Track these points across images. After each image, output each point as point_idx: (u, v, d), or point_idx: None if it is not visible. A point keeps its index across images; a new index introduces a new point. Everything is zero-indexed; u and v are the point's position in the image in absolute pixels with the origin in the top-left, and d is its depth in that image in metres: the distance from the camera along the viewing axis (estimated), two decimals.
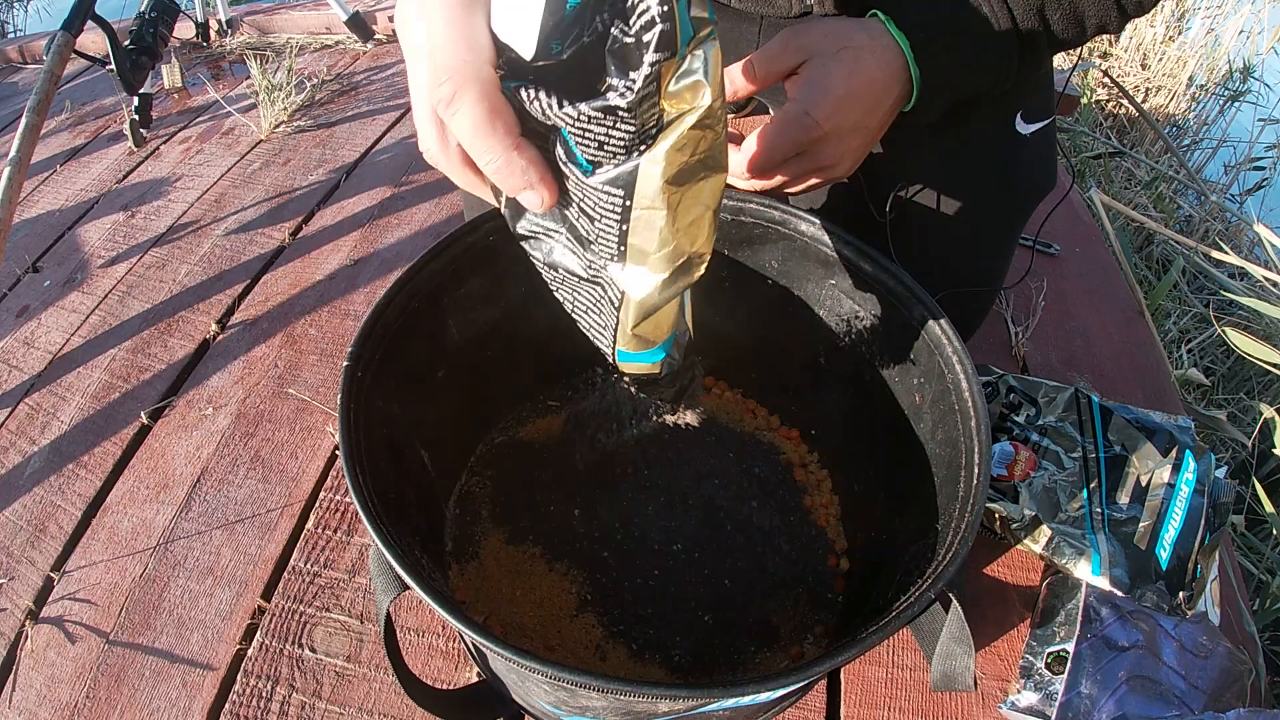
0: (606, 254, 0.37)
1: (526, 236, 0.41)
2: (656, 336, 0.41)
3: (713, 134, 0.33)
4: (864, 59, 0.49)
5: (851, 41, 0.49)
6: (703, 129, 0.32)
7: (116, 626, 0.66)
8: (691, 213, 0.35)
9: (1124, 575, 0.59)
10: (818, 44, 0.49)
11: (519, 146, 0.33)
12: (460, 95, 0.32)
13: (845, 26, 0.50)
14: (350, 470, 0.44)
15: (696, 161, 0.33)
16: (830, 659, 0.37)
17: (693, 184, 0.34)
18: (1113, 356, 0.87)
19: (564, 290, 0.44)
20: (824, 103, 0.48)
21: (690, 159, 0.33)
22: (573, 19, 0.30)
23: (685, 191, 0.34)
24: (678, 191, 0.34)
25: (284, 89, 1.32)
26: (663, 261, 0.36)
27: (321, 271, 1.00)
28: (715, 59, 0.31)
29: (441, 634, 0.64)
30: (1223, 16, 1.95)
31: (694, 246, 0.36)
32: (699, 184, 0.35)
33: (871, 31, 0.50)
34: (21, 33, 2.53)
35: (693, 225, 0.36)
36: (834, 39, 0.49)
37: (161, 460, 0.79)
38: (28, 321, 0.97)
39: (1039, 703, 0.56)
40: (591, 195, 0.35)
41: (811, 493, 0.66)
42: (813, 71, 0.49)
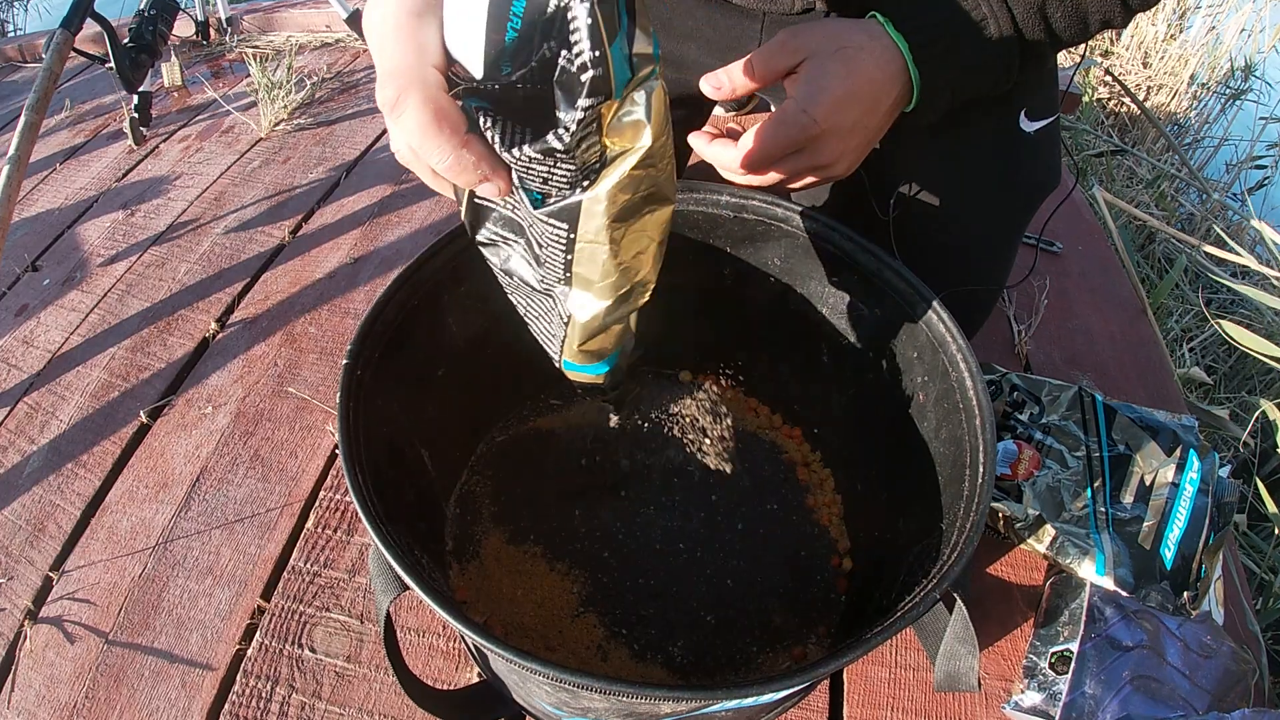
0: (554, 276, 0.38)
1: (485, 243, 0.42)
2: (601, 353, 0.42)
3: (655, 170, 0.33)
4: (862, 59, 0.48)
5: (850, 42, 0.49)
6: (645, 168, 0.32)
7: (116, 626, 0.66)
8: (636, 245, 0.36)
9: (1128, 575, 0.59)
10: (816, 44, 0.49)
11: (466, 144, 0.33)
12: (404, 98, 0.32)
13: (844, 27, 0.50)
14: (350, 470, 0.44)
15: (640, 198, 0.34)
16: (835, 660, 0.37)
17: (637, 219, 0.35)
18: (1115, 355, 0.87)
19: (518, 296, 0.44)
20: (822, 101, 0.48)
21: (634, 197, 0.33)
22: (515, 45, 0.30)
23: (629, 226, 0.35)
24: (621, 227, 0.34)
25: (284, 87, 1.32)
26: (607, 290, 0.37)
27: (321, 270, 0.99)
28: (658, 99, 0.31)
29: (442, 634, 0.63)
30: (1224, 15, 1.95)
31: (638, 277, 0.37)
32: (644, 218, 0.35)
33: (871, 32, 0.49)
34: (21, 31, 2.53)
35: (637, 257, 0.36)
36: (833, 39, 0.49)
37: (161, 459, 0.79)
38: (27, 320, 0.97)
39: (1043, 703, 0.56)
40: (538, 225, 0.36)
41: (814, 492, 0.65)
42: (811, 70, 0.49)
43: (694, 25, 0.65)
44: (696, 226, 0.61)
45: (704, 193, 0.59)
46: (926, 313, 0.52)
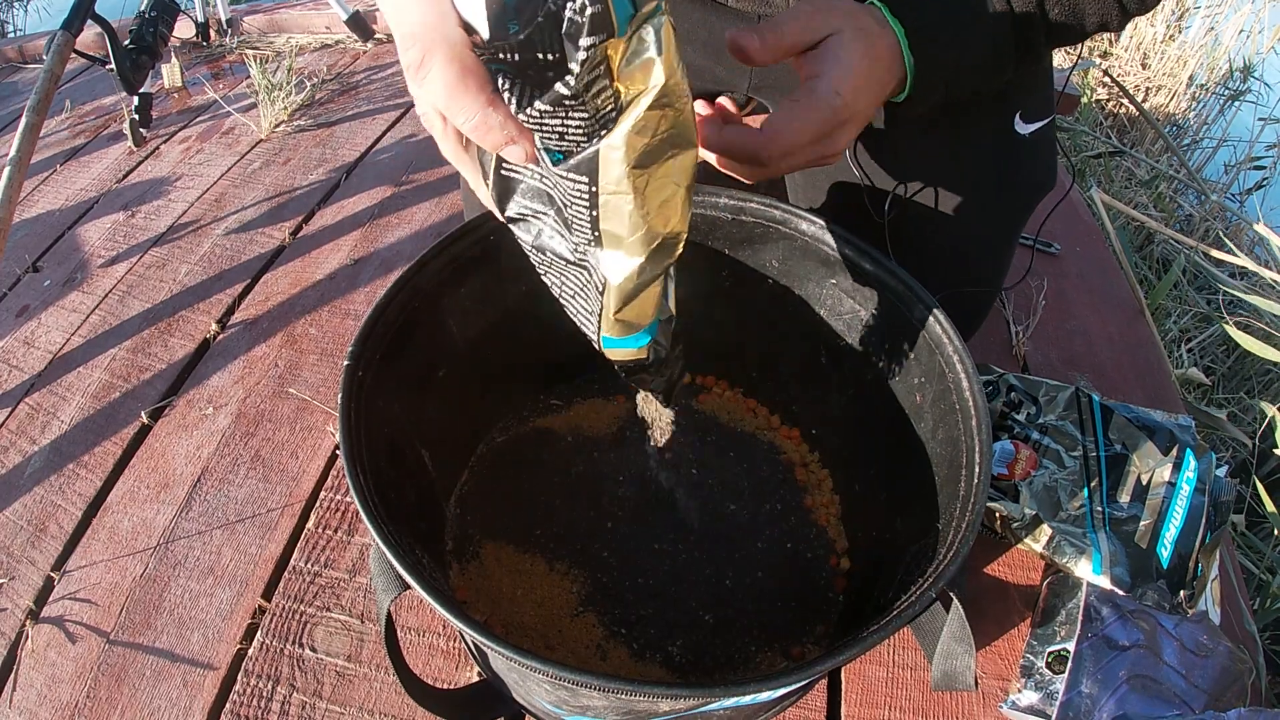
0: (583, 238, 0.37)
1: (515, 219, 0.41)
2: (640, 321, 0.40)
3: (674, 111, 0.32)
4: (877, 44, 0.47)
5: (866, 24, 0.47)
6: (661, 108, 0.31)
7: (117, 626, 0.66)
8: (662, 193, 0.34)
9: (1125, 574, 0.59)
10: (840, 20, 0.47)
11: (493, 102, 0.32)
12: (429, 58, 0.31)
13: (857, 8, 0.48)
14: (351, 470, 0.44)
15: (660, 141, 0.32)
16: (831, 658, 0.37)
17: (660, 164, 0.33)
18: (1113, 356, 0.87)
19: (552, 274, 0.43)
20: (851, 83, 0.46)
21: (652, 140, 0.32)
22: (519, 1, 0.29)
23: (652, 173, 0.33)
24: (644, 174, 0.33)
25: (284, 88, 1.32)
26: (638, 245, 0.36)
27: (322, 271, 1.00)
28: (667, 35, 0.30)
29: (442, 633, 0.64)
30: (1223, 16, 1.95)
31: (668, 227, 0.36)
32: (666, 163, 0.34)
33: (877, 17, 0.49)
34: (21, 32, 2.53)
35: (664, 206, 0.35)
36: (852, 17, 0.47)
37: (162, 460, 0.79)
38: (28, 321, 0.97)
39: (1040, 702, 0.56)
40: (561, 183, 0.35)
41: (812, 492, 0.66)
42: (838, 49, 0.46)
43: (689, 28, 0.65)
44: (694, 228, 0.61)
45: (702, 194, 0.59)
46: (923, 314, 0.52)
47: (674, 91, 0.31)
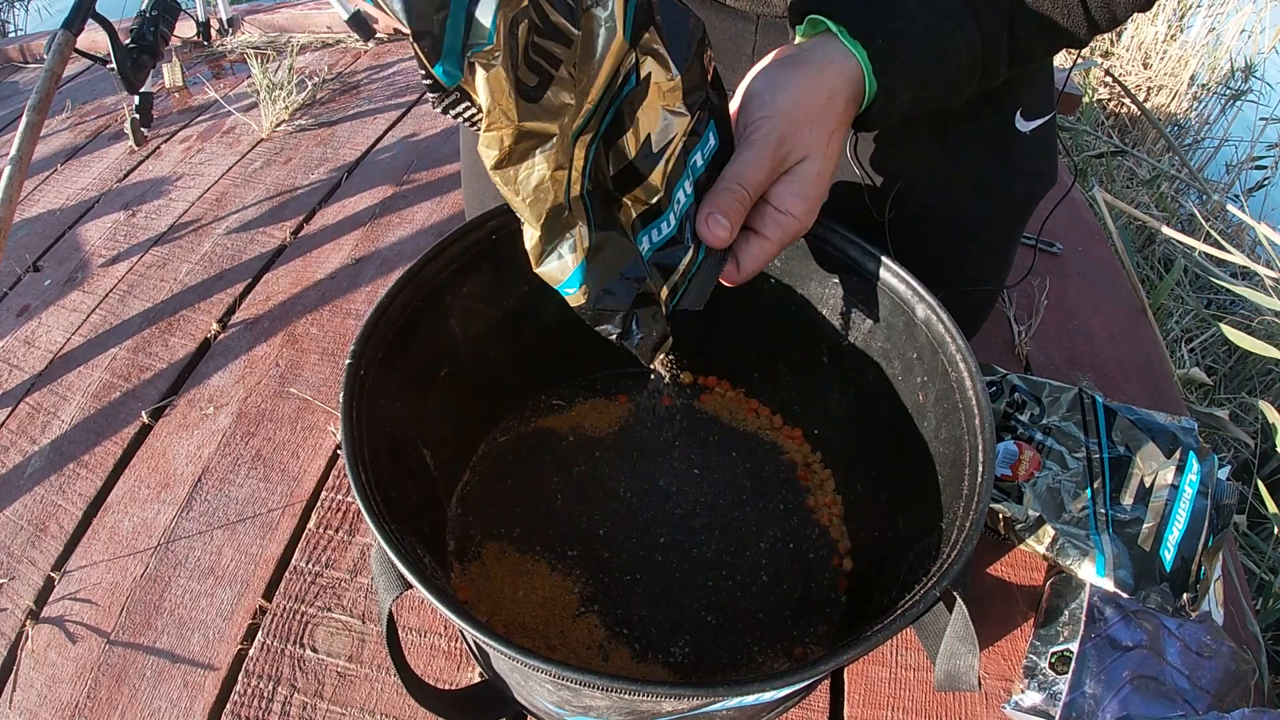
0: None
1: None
2: (558, 276, 0.41)
3: (505, 129, 0.35)
4: (838, 105, 0.47)
5: (828, 112, 0.46)
6: (499, 129, 0.35)
7: (117, 626, 0.66)
8: (532, 179, 0.37)
9: (1128, 576, 0.59)
10: (808, 140, 0.46)
11: None
12: None
13: (801, 74, 0.47)
14: (353, 469, 0.44)
15: (510, 150, 0.35)
16: (834, 658, 0.37)
17: (521, 163, 0.36)
18: (1115, 355, 0.87)
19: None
20: (813, 191, 0.47)
21: (502, 150, 0.35)
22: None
23: (516, 169, 0.36)
24: (506, 170, 0.36)
25: (285, 88, 1.32)
26: (529, 219, 0.38)
27: (323, 270, 0.99)
28: (491, 79, 0.33)
29: (444, 634, 0.64)
30: (1224, 15, 1.95)
31: (550, 202, 0.38)
32: (529, 160, 0.36)
33: (835, 56, 0.47)
34: (22, 32, 2.53)
35: (539, 189, 0.37)
36: (798, 110, 0.46)
37: (162, 460, 0.79)
38: (28, 321, 0.97)
39: (1043, 703, 0.56)
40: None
41: (815, 492, 0.66)
42: (807, 171, 0.47)
43: None
44: None
45: None
46: (926, 313, 0.52)
47: (495, 116, 0.34)
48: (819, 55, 0.47)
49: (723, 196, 0.45)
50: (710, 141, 0.46)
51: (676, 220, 0.45)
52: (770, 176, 0.46)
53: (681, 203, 0.46)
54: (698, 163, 0.46)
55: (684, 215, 0.46)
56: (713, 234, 0.45)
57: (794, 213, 0.47)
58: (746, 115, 0.46)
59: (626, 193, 0.44)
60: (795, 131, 0.45)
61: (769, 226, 0.47)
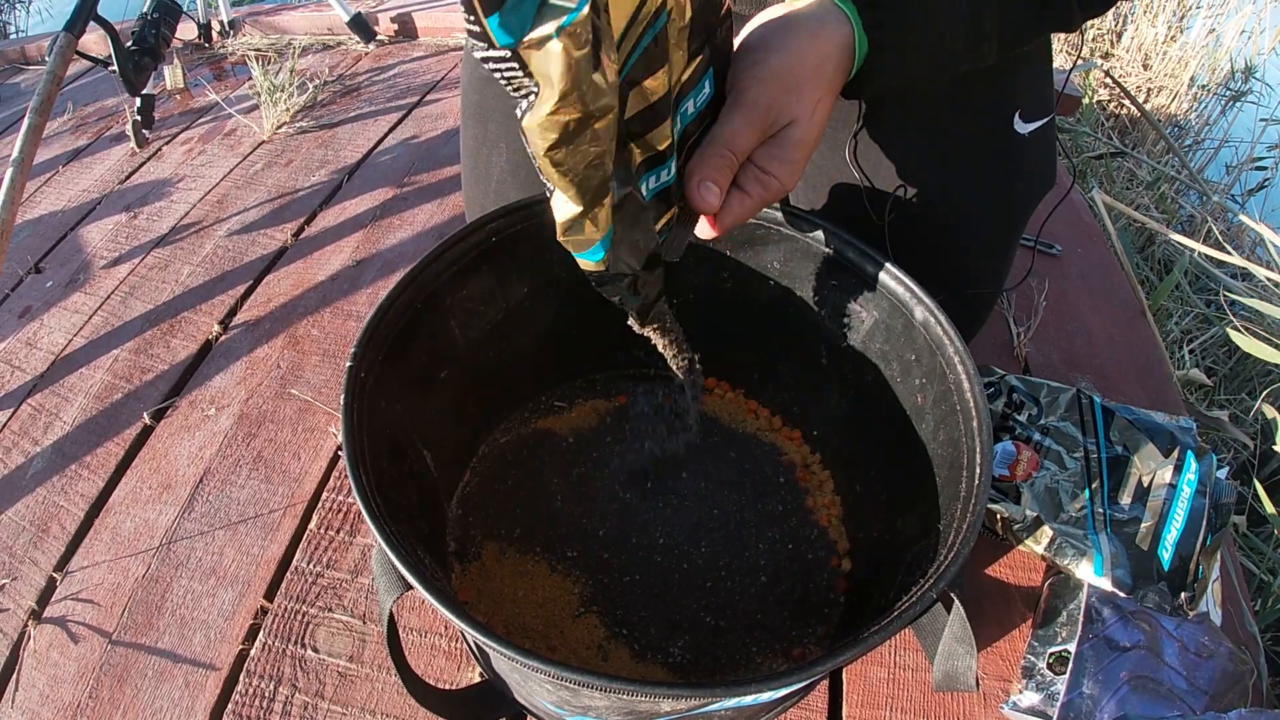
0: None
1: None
2: (585, 244, 0.40)
3: (575, 110, 0.32)
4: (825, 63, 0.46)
5: (804, 62, 0.46)
6: (563, 112, 0.32)
7: (119, 626, 0.66)
8: (587, 157, 0.35)
9: (1126, 576, 0.59)
10: (796, 107, 0.46)
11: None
12: None
13: (793, 37, 0.47)
14: (353, 470, 0.44)
15: (567, 130, 0.33)
16: (832, 658, 0.37)
17: (577, 143, 0.34)
18: (1115, 357, 0.87)
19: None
20: (796, 155, 0.47)
21: (559, 134, 0.33)
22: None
23: (573, 148, 0.34)
24: (560, 151, 0.34)
25: (286, 90, 1.32)
26: (567, 196, 0.36)
27: (324, 272, 1.00)
28: (560, 55, 0.30)
29: (444, 634, 0.64)
30: (1224, 16, 1.95)
31: (598, 176, 0.36)
32: (585, 141, 0.34)
33: (813, 23, 0.47)
34: (24, 33, 2.54)
35: (590, 166, 0.35)
36: (790, 76, 0.46)
37: (164, 461, 0.79)
38: (30, 322, 0.97)
39: (1041, 703, 0.56)
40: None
41: (814, 494, 0.66)
42: (794, 135, 0.47)
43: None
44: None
45: None
46: (924, 315, 0.53)
47: (570, 99, 0.32)
48: (814, 17, 0.47)
49: (713, 162, 0.45)
50: (705, 89, 0.45)
51: (673, 172, 0.44)
52: (758, 140, 0.46)
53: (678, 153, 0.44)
54: (689, 110, 0.44)
55: (679, 169, 0.45)
56: (705, 201, 0.46)
57: (777, 175, 0.47)
58: (737, 72, 0.46)
59: (635, 138, 0.42)
60: (784, 96, 0.46)
61: (751, 184, 0.47)
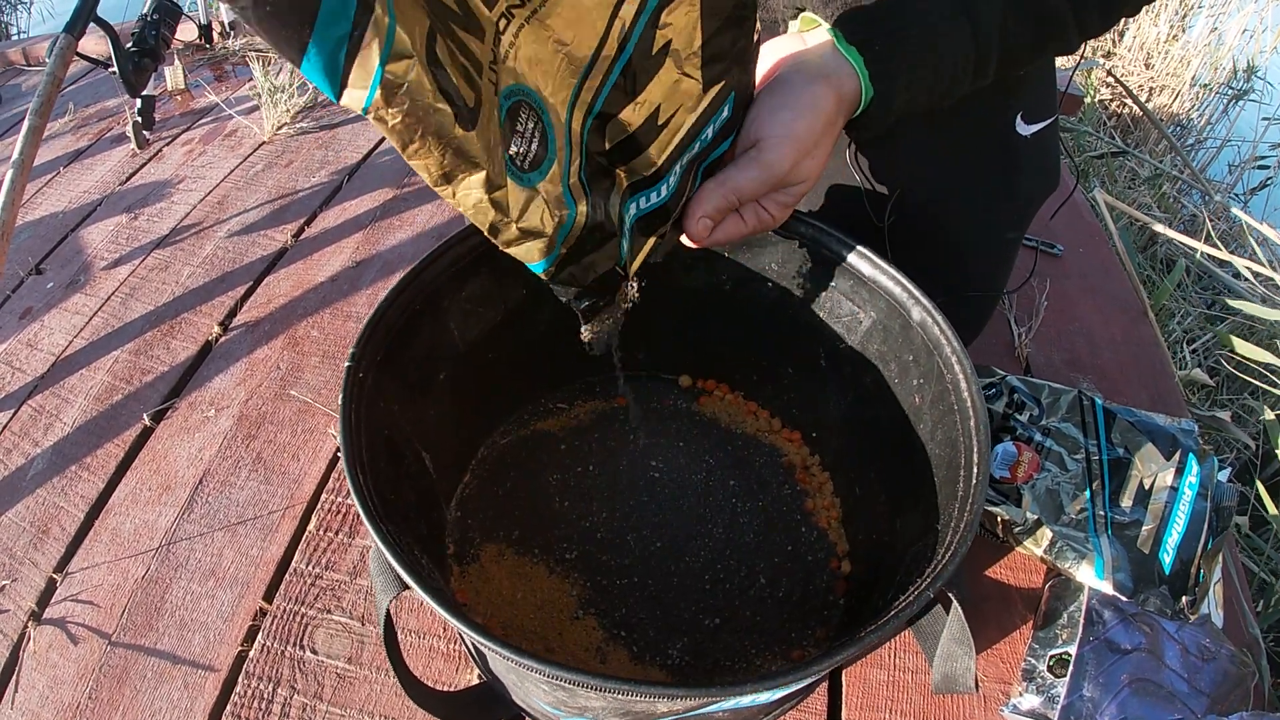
0: None
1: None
2: (525, 259, 0.41)
3: (435, 154, 0.33)
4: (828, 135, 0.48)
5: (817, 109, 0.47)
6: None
7: (119, 628, 0.66)
8: (470, 199, 0.36)
9: (1127, 579, 0.59)
10: (803, 165, 0.47)
11: None
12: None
13: (810, 94, 0.47)
14: (351, 471, 0.44)
15: (444, 173, 0.34)
16: (828, 659, 0.37)
17: (456, 184, 0.35)
18: (1116, 357, 0.87)
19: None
20: (796, 202, 0.49)
21: (435, 174, 0.34)
22: None
23: (454, 188, 0.35)
24: (446, 189, 0.35)
25: (286, 91, 1.32)
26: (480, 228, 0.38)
27: (324, 273, 1.00)
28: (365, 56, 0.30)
29: (442, 635, 0.64)
30: (1226, 15, 1.95)
31: (487, 221, 0.37)
32: (462, 181, 0.35)
33: (830, 75, 0.48)
34: (25, 34, 2.54)
35: (476, 208, 0.36)
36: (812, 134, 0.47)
37: (164, 462, 0.79)
38: (30, 323, 0.98)
39: (1041, 705, 0.56)
40: None
41: (813, 495, 0.66)
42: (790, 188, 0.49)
43: None
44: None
45: None
46: (921, 316, 0.52)
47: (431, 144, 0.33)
48: (827, 68, 0.48)
49: (716, 202, 0.47)
50: (724, 113, 0.46)
51: (669, 190, 0.46)
52: (765, 194, 0.48)
53: (678, 173, 0.46)
54: (707, 135, 0.46)
55: (678, 184, 0.46)
56: (698, 234, 0.49)
57: (773, 213, 0.50)
58: (760, 122, 0.47)
59: (621, 164, 0.43)
60: (803, 161, 0.47)
61: (748, 214, 0.50)
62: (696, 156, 0.46)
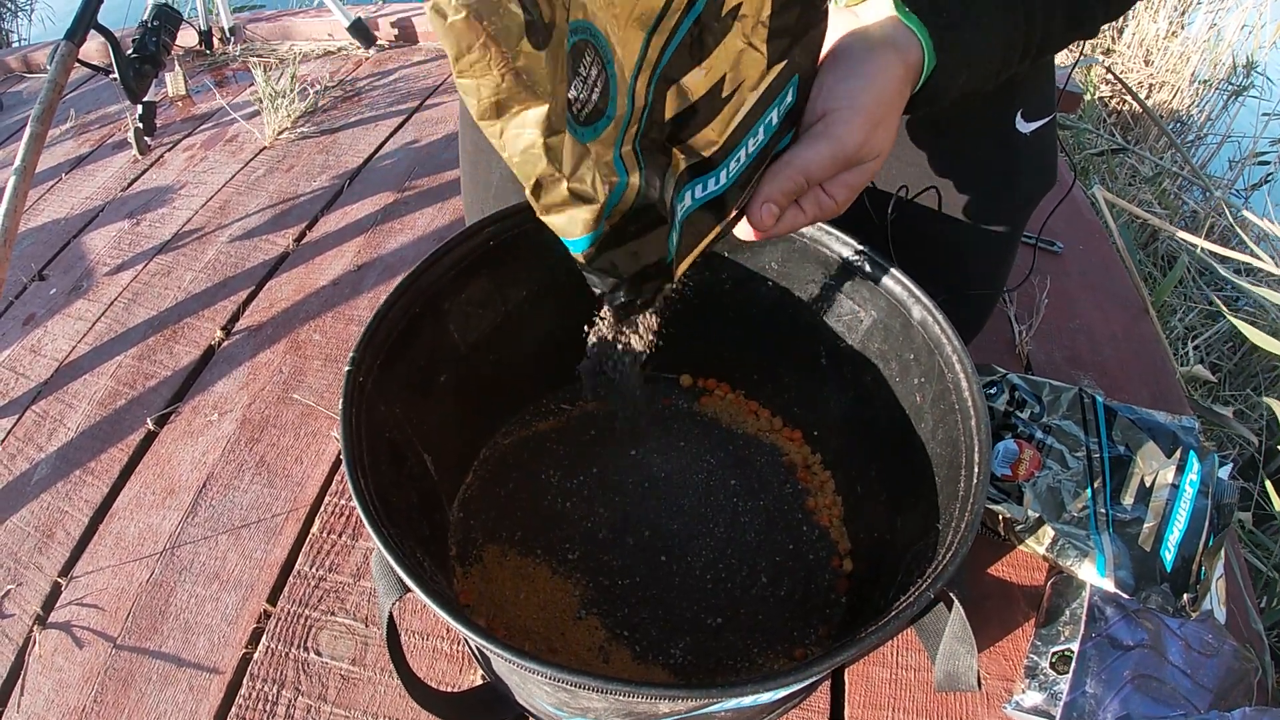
0: None
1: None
2: (565, 234, 0.37)
3: (494, 72, 0.30)
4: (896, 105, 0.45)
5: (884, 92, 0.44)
6: (479, 70, 0.29)
7: (123, 631, 0.66)
8: (520, 141, 0.32)
9: (1129, 577, 0.59)
10: (874, 139, 0.44)
11: None
12: None
13: (878, 64, 0.44)
14: (352, 474, 0.44)
15: (497, 100, 0.30)
16: (830, 658, 0.37)
17: (509, 118, 0.31)
18: (1117, 354, 0.87)
19: None
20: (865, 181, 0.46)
21: (486, 99, 0.30)
22: None
23: (504, 123, 0.31)
24: (494, 124, 0.32)
25: (287, 96, 1.33)
26: (524, 181, 0.34)
27: (325, 277, 1.00)
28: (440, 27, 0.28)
29: (446, 637, 0.64)
30: (1225, 11, 1.95)
31: (536, 172, 0.33)
32: (516, 115, 0.31)
33: (894, 42, 0.45)
34: (26, 42, 2.55)
35: (525, 153, 0.32)
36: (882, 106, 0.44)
37: (168, 466, 0.79)
38: (34, 329, 0.98)
39: (1044, 703, 0.56)
40: None
41: (815, 494, 0.66)
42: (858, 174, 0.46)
43: None
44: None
45: None
46: (922, 314, 0.53)
47: (465, 67, 0.30)
48: (891, 39, 0.45)
49: (784, 186, 0.44)
50: (788, 97, 0.42)
51: (729, 178, 0.42)
52: (836, 173, 0.45)
53: (741, 160, 0.42)
54: (773, 120, 0.42)
55: (739, 175, 0.42)
56: (763, 222, 0.44)
57: (837, 198, 0.46)
58: (826, 95, 0.44)
59: (680, 140, 0.39)
60: (874, 134, 0.44)
61: (809, 203, 0.46)
62: (763, 149, 0.42)
